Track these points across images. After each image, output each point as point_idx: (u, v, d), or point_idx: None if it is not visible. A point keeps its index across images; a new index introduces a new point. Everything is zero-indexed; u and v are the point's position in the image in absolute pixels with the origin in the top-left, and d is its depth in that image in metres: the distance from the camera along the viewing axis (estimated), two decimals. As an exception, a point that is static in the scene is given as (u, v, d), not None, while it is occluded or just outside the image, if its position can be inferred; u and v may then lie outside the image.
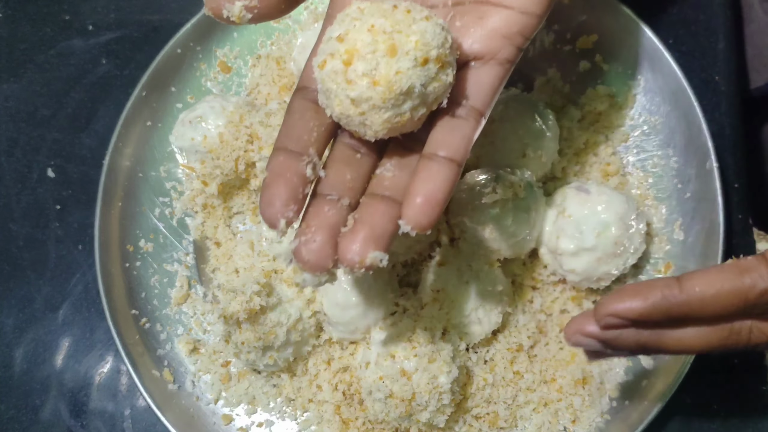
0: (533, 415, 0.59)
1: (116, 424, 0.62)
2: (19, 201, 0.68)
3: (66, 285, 0.66)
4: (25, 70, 0.72)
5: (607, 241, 0.56)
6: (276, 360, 0.58)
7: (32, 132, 0.70)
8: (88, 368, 0.64)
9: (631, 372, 0.59)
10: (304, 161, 0.41)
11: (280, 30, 0.69)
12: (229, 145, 0.61)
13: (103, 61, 0.71)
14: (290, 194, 0.40)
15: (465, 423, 0.58)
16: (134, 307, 0.62)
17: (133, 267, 0.63)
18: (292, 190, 0.40)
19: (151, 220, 0.65)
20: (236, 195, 0.65)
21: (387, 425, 0.58)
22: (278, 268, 0.60)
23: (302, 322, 0.58)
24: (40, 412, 0.63)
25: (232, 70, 0.69)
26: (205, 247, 0.65)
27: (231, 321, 0.55)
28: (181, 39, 0.65)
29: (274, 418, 0.61)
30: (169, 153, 0.66)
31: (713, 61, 0.66)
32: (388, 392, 0.53)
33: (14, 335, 0.65)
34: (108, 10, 0.73)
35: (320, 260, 0.40)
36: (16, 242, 0.67)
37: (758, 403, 0.60)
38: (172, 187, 0.66)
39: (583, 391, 0.59)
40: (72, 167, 0.69)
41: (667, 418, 0.60)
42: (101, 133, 0.69)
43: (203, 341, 0.63)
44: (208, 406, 0.61)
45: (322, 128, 0.43)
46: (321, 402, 0.60)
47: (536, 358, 0.60)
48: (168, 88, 0.66)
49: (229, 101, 0.63)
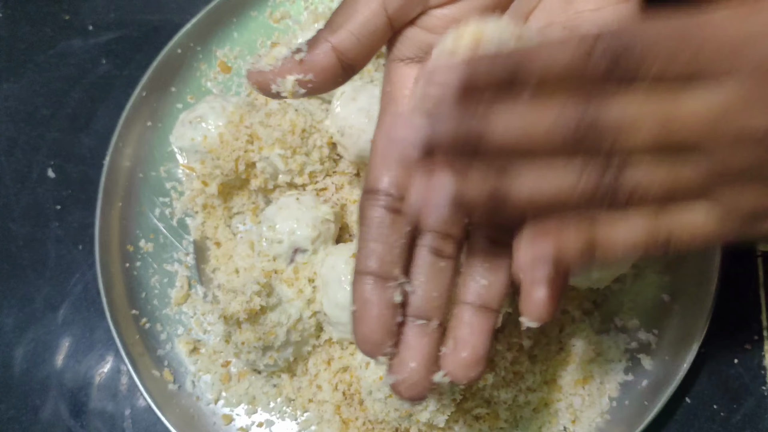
0: (533, 414, 0.59)
1: (116, 424, 0.62)
2: (19, 201, 0.68)
3: (66, 285, 0.66)
4: (25, 70, 0.72)
5: (607, 241, 0.56)
6: (276, 360, 0.58)
7: (32, 132, 0.70)
8: (88, 368, 0.64)
9: (631, 372, 0.59)
10: (391, 287, 0.39)
11: (280, 30, 0.69)
12: (230, 145, 0.61)
13: (103, 61, 0.71)
14: (385, 331, 0.39)
15: (465, 423, 0.58)
16: (134, 307, 0.62)
17: (133, 267, 0.63)
18: (386, 326, 0.39)
19: (151, 220, 0.65)
20: (236, 195, 0.65)
21: (387, 425, 0.58)
22: (278, 268, 0.60)
23: (302, 322, 0.58)
24: (39, 412, 0.63)
25: (233, 70, 0.69)
26: (205, 247, 0.65)
27: (231, 321, 0.55)
28: (181, 39, 0.65)
29: (275, 418, 0.61)
30: (169, 153, 0.66)
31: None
32: (388, 392, 0.53)
33: (14, 335, 0.65)
34: (108, 10, 0.73)
35: (419, 394, 0.40)
36: (15, 242, 0.67)
37: (758, 403, 0.60)
38: (172, 187, 0.66)
39: (583, 391, 0.59)
40: (72, 167, 0.69)
41: (667, 418, 0.60)
42: (101, 133, 0.69)
43: (203, 341, 0.63)
44: (208, 406, 0.61)
45: (403, 240, 0.40)
46: (321, 402, 0.60)
47: (536, 358, 0.60)
48: (168, 88, 0.66)
49: (229, 101, 0.63)
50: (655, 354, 0.59)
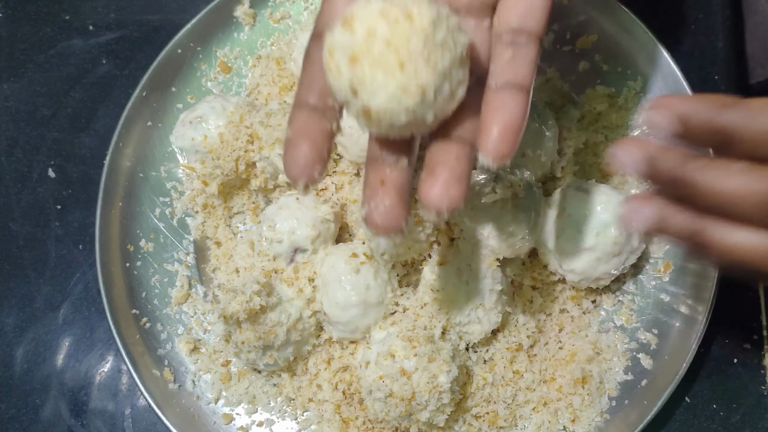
0: (533, 414, 0.59)
1: (116, 424, 0.62)
2: (20, 200, 0.68)
3: (66, 284, 0.66)
4: (25, 70, 0.72)
5: (607, 241, 0.56)
6: (276, 359, 0.58)
7: (32, 132, 0.70)
8: (88, 368, 0.64)
9: (630, 372, 0.59)
10: (328, 117, 0.40)
11: (280, 30, 0.69)
12: (230, 145, 0.61)
13: (103, 61, 0.71)
14: (315, 153, 0.40)
15: (465, 422, 0.58)
16: (135, 306, 0.62)
17: (134, 267, 0.63)
18: (317, 149, 0.40)
19: (151, 219, 0.65)
20: (236, 195, 0.65)
21: (387, 425, 0.58)
22: (278, 268, 0.60)
23: (302, 322, 0.58)
24: (40, 411, 0.63)
25: (233, 70, 0.69)
26: (206, 246, 0.65)
27: (231, 321, 0.55)
28: (181, 39, 0.66)
29: (275, 417, 0.61)
30: (169, 153, 0.66)
31: (713, 60, 0.66)
32: (388, 392, 0.54)
33: (14, 335, 0.65)
34: (108, 10, 0.73)
35: (393, 221, 0.39)
36: (16, 242, 0.67)
37: (758, 403, 0.60)
38: (172, 187, 0.66)
39: (583, 390, 0.59)
40: (72, 167, 0.69)
41: (667, 418, 0.60)
42: (101, 133, 0.69)
43: (204, 341, 0.63)
44: (208, 406, 0.61)
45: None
46: (321, 401, 0.60)
47: (536, 357, 0.60)
48: (168, 88, 0.66)
49: (229, 101, 0.63)
50: (655, 354, 0.59)
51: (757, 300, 0.62)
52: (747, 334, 0.61)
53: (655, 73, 0.62)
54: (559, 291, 0.61)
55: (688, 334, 0.57)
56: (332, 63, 0.38)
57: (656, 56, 0.61)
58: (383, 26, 0.37)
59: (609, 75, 0.64)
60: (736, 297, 0.61)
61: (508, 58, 0.40)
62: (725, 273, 0.38)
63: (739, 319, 0.61)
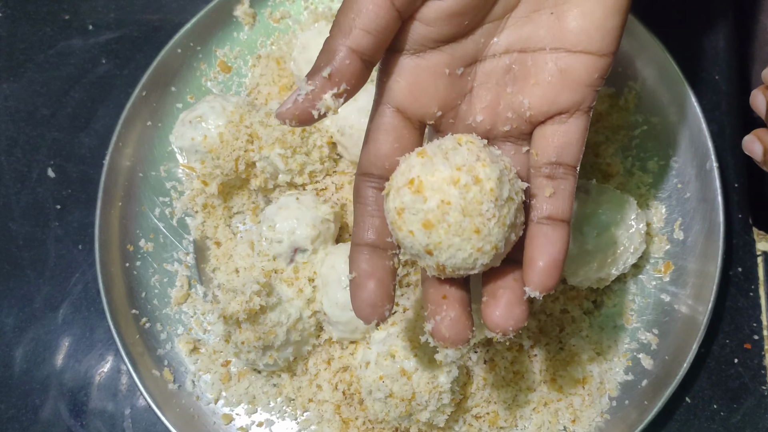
0: (533, 414, 0.59)
1: (116, 424, 0.62)
2: (19, 200, 0.68)
3: (66, 284, 0.66)
4: (25, 69, 0.72)
5: (607, 241, 0.56)
6: (276, 360, 0.58)
7: (32, 131, 0.70)
8: (88, 368, 0.64)
9: (631, 372, 0.59)
10: (389, 254, 0.42)
11: (280, 30, 0.69)
12: (230, 145, 0.61)
13: (103, 61, 0.71)
14: (383, 292, 0.41)
15: (465, 422, 0.58)
16: (134, 306, 0.62)
17: (133, 267, 0.63)
18: (384, 287, 0.41)
19: (151, 219, 0.65)
20: (236, 195, 0.65)
21: (387, 425, 0.58)
22: (278, 268, 0.60)
23: (302, 322, 0.58)
24: (40, 411, 0.63)
25: (232, 70, 0.69)
26: (205, 246, 0.65)
27: (231, 321, 0.55)
28: (181, 39, 0.65)
29: (274, 417, 0.61)
30: (169, 153, 0.66)
31: (713, 60, 0.66)
32: (388, 392, 0.53)
33: (14, 335, 0.65)
34: (108, 10, 0.73)
35: (460, 333, 0.41)
36: (15, 241, 0.67)
37: (759, 403, 0.60)
38: (172, 187, 0.66)
39: (583, 390, 0.59)
40: (72, 167, 0.69)
41: (667, 418, 0.60)
42: (101, 133, 0.69)
43: (203, 341, 0.63)
44: (208, 406, 0.61)
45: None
46: (321, 402, 0.60)
47: (536, 358, 0.60)
48: (168, 88, 0.66)
49: (229, 101, 0.63)
50: (655, 354, 0.59)
51: (757, 300, 0.62)
52: (747, 334, 0.61)
53: (656, 73, 0.62)
54: (559, 291, 0.61)
55: (688, 334, 0.57)
56: (402, 224, 0.40)
57: (656, 56, 0.61)
58: (455, 195, 0.38)
59: (609, 75, 0.64)
60: (737, 297, 0.61)
61: (548, 194, 0.42)
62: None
63: (740, 319, 0.61)
